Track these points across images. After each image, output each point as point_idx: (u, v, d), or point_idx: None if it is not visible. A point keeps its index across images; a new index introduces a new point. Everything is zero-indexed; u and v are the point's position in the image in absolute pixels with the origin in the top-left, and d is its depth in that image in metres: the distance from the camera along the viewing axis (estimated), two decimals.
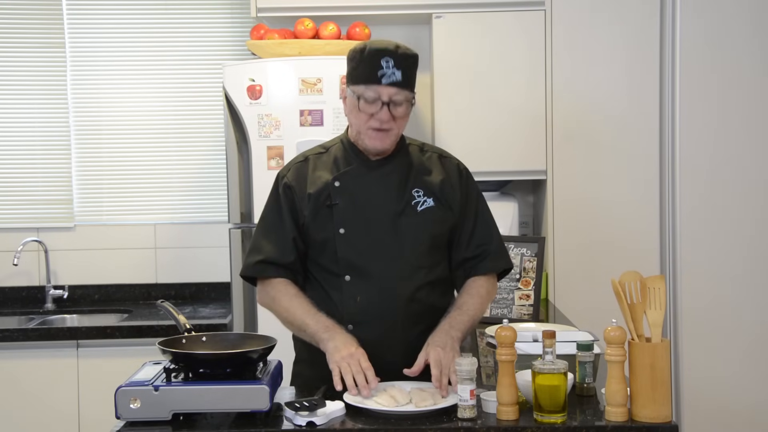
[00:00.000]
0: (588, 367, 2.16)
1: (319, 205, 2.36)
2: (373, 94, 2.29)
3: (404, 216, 2.37)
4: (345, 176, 2.38)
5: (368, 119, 2.32)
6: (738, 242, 3.72)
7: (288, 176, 2.42)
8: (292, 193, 2.39)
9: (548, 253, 3.72)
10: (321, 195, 2.37)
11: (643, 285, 2.04)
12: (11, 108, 4.21)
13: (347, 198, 2.36)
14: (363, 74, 2.30)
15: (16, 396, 3.64)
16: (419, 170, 2.44)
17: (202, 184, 4.24)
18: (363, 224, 2.35)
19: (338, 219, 2.35)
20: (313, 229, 2.36)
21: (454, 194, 2.43)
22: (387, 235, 2.35)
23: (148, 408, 2.02)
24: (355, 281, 2.33)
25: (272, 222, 2.41)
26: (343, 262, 2.35)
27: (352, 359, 2.17)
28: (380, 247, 2.34)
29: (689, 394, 3.70)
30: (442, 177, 2.44)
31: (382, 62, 2.28)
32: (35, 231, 4.19)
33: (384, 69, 2.29)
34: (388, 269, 2.33)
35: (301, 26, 3.73)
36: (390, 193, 2.38)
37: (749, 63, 3.70)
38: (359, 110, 2.32)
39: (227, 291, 3.82)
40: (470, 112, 3.77)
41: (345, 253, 2.34)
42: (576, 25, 3.74)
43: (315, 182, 2.39)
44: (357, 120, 2.34)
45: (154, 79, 4.22)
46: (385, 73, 2.29)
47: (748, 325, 3.72)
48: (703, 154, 3.71)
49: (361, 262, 2.34)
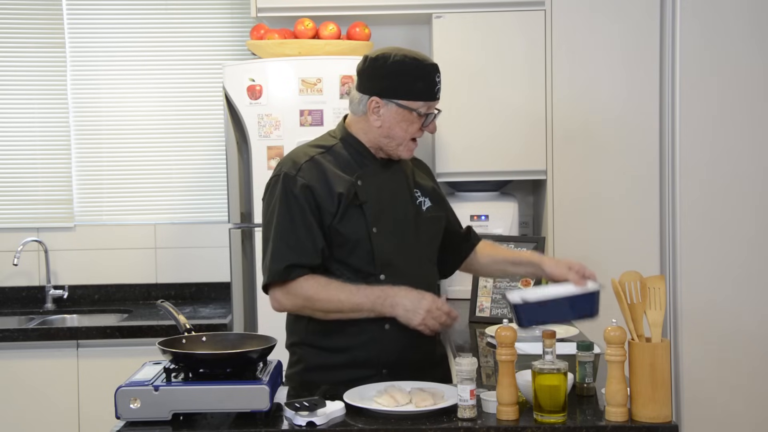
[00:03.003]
0: (588, 367, 2.16)
1: (347, 204, 2.32)
2: (428, 108, 2.36)
3: (418, 215, 2.45)
4: (365, 175, 2.38)
5: (417, 130, 2.37)
6: (738, 242, 3.72)
7: (302, 176, 2.32)
8: (313, 193, 2.30)
9: (548, 253, 3.72)
10: (348, 194, 2.32)
11: (643, 285, 2.04)
12: (11, 108, 4.21)
13: (373, 197, 2.36)
14: (422, 91, 2.33)
15: (16, 396, 3.64)
16: (411, 172, 2.52)
17: (202, 184, 4.24)
18: (392, 223, 2.38)
19: (370, 218, 2.34)
20: (344, 229, 2.31)
21: (438, 193, 2.55)
22: (412, 233, 2.41)
23: (148, 408, 2.02)
24: (389, 280, 2.33)
25: (291, 224, 2.30)
26: (379, 261, 2.34)
27: (429, 315, 2.27)
28: (407, 245, 2.40)
29: (689, 394, 3.70)
30: (425, 177, 2.56)
31: (436, 79, 2.35)
32: (35, 231, 4.19)
33: (438, 84, 2.36)
34: (416, 267, 2.41)
35: (301, 26, 3.73)
36: (404, 193, 2.45)
37: (749, 63, 3.70)
38: (410, 123, 2.34)
39: (227, 291, 3.81)
40: (470, 112, 3.77)
41: (381, 252, 2.34)
42: (576, 25, 3.74)
43: (339, 181, 2.33)
44: (404, 133, 2.36)
45: (154, 79, 4.22)
46: (439, 88, 2.37)
47: (748, 325, 3.72)
48: (703, 154, 3.71)
49: (396, 261, 2.36)
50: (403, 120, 2.33)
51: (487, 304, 3.38)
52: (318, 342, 2.39)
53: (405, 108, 2.32)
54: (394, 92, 2.32)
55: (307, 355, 2.42)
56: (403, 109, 2.32)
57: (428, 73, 2.33)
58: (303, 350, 2.43)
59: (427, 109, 2.35)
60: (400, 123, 2.33)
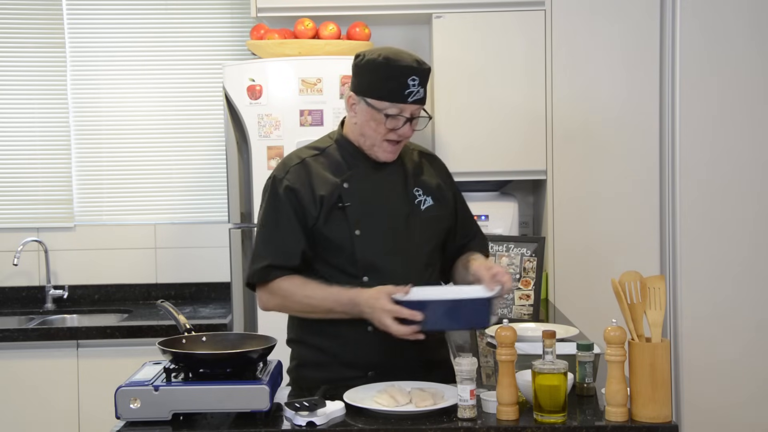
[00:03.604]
0: (588, 367, 2.16)
1: (331, 207, 2.34)
2: (398, 111, 2.30)
3: (412, 216, 2.39)
4: (353, 178, 2.37)
5: (387, 133, 2.32)
6: (738, 242, 3.72)
7: (288, 179, 2.36)
8: (296, 195, 2.34)
9: (548, 253, 3.72)
10: (332, 197, 2.34)
11: (643, 285, 2.04)
12: (11, 108, 4.21)
13: (358, 199, 2.35)
14: (388, 91, 2.29)
15: (16, 396, 3.64)
16: (415, 170, 2.46)
17: (202, 184, 4.24)
18: (377, 225, 2.35)
19: (353, 221, 2.34)
20: (327, 231, 2.34)
21: (446, 192, 2.48)
22: (400, 235, 2.36)
23: (148, 408, 2.02)
24: (373, 282, 2.30)
25: (274, 226, 2.36)
26: (361, 263, 2.34)
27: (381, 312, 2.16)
28: (395, 247, 2.35)
29: (689, 394, 3.70)
30: (434, 175, 2.49)
31: (409, 82, 2.28)
32: (35, 231, 4.19)
33: (411, 87, 2.29)
34: (404, 269, 2.33)
35: (301, 26, 3.73)
36: (397, 193, 2.40)
37: (749, 63, 3.70)
38: (378, 123, 2.31)
39: (227, 291, 3.82)
40: (470, 112, 3.77)
41: (364, 255, 2.33)
42: (576, 25, 3.74)
43: (323, 184, 2.35)
44: (374, 133, 2.33)
45: (155, 80, 4.22)
46: (412, 92, 2.29)
47: (747, 324, 3.72)
48: (703, 154, 3.71)
49: (380, 263, 2.34)
50: (372, 119, 2.32)
51: None
52: (310, 339, 2.42)
53: (372, 107, 2.31)
54: (364, 90, 2.33)
55: (301, 351, 2.46)
56: (371, 108, 2.31)
57: (401, 74, 2.28)
58: (298, 347, 2.47)
59: (398, 111, 2.30)
60: (369, 122, 2.33)
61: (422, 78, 2.31)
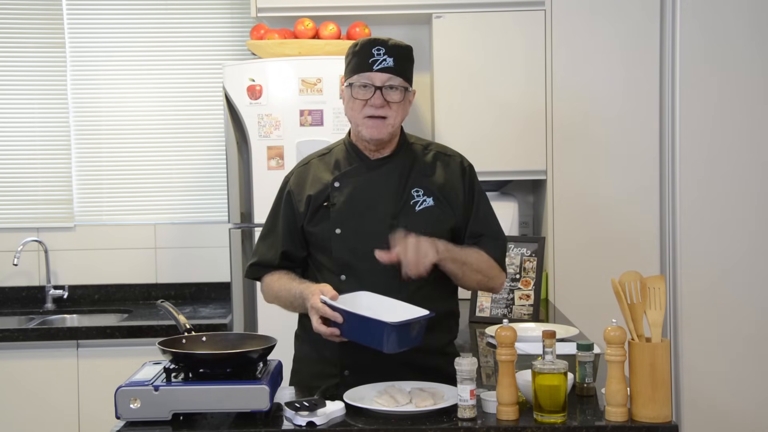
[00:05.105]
0: (588, 367, 2.16)
1: (318, 206, 2.39)
2: (366, 80, 2.32)
3: (401, 216, 2.36)
4: (344, 177, 2.40)
5: (362, 107, 2.33)
6: (738, 242, 3.72)
7: (291, 181, 2.47)
8: (292, 197, 2.44)
9: (548, 253, 3.72)
10: (320, 196, 2.39)
11: (643, 285, 2.04)
12: (11, 108, 4.21)
13: (345, 198, 2.37)
14: (356, 65, 2.34)
15: (16, 396, 3.64)
16: (420, 170, 2.43)
17: (202, 184, 4.25)
18: (359, 224, 2.35)
19: (334, 219, 2.37)
20: (314, 230, 2.39)
21: (456, 194, 2.41)
22: (382, 235, 2.30)
23: (148, 408, 2.02)
24: (351, 281, 2.33)
25: (270, 226, 2.49)
26: (338, 261, 2.36)
27: (311, 308, 2.20)
28: (375, 247, 2.28)
29: (689, 394, 3.70)
30: (444, 176, 2.43)
31: (373, 51, 2.32)
32: (35, 231, 4.19)
33: (375, 56, 2.32)
34: (382, 270, 2.28)
35: (301, 26, 3.73)
36: (388, 193, 2.38)
37: (749, 63, 3.70)
38: (353, 99, 2.34)
39: (227, 291, 3.82)
40: (470, 112, 3.77)
41: (340, 253, 2.36)
42: (576, 25, 3.74)
43: (315, 184, 2.42)
44: (353, 111, 2.36)
45: (154, 80, 4.22)
46: (376, 60, 2.32)
47: (747, 324, 3.72)
48: (703, 154, 3.71)
49: (355, 262, 2.34)
50: (350, 98, 2.36)
51: (487, 304, 3.38)
52: (303, 334, 2.48)
53: (348, 87, 2.36)
54: (345, 75, 2.40)
55: (297, 345, 2.52)
56: (347, 88, 2.37)
57: (367, 47, 2.33)
58: (297, 341, 2.53)
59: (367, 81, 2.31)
60: (349, 102, 2.37)
61: (389, 49, 2.33)
